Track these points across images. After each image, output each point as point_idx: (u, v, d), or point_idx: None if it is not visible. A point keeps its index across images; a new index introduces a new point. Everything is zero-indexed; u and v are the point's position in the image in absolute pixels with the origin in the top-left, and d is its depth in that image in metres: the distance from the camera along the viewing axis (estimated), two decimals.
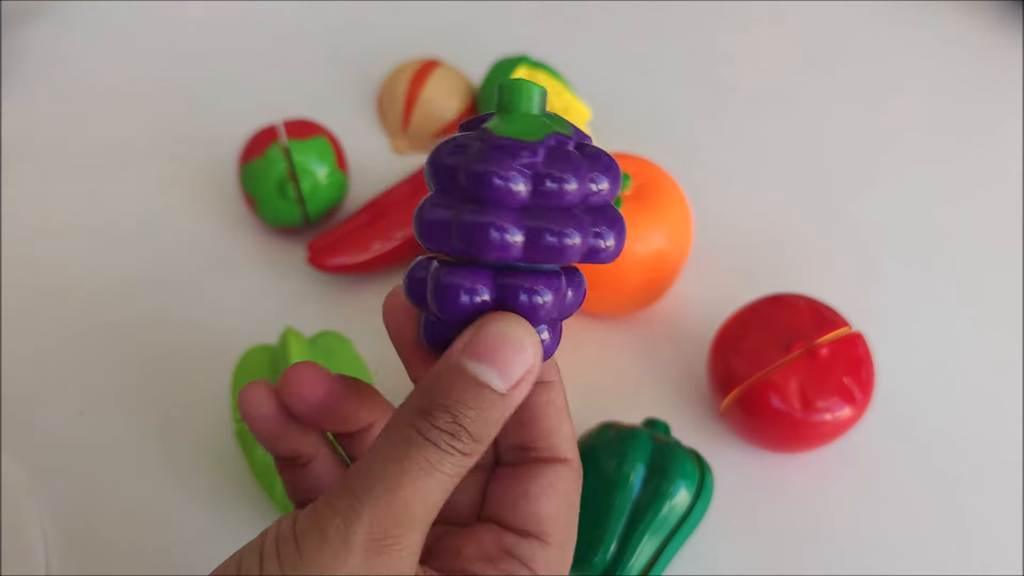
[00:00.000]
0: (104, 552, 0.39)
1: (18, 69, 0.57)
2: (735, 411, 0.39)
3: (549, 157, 0.21)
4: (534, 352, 0.21)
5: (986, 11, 0.62)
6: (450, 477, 0.21)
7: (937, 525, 0.40)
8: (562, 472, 0.24)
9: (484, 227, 0.21)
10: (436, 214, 0.22)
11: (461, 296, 0.21)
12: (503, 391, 0.21)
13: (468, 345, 0.21)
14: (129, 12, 0.61)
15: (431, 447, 0.20)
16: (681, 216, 0.43)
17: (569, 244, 0.21)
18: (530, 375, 0.21)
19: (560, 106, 0.50)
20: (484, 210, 0.21)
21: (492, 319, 0.21)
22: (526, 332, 0.21)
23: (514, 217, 0.21)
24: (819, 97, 0.57)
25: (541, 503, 0.24)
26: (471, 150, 0.21)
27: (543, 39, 0.58)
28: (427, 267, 0.22)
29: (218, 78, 0.57)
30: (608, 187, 0.22)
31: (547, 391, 0.25)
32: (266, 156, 0.45)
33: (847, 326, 0.39)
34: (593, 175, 0.22)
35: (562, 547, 0.24)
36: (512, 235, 0.21)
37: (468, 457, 0.21)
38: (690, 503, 0.36)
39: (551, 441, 0.24)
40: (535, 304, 0.22)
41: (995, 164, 0.54)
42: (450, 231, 0.21)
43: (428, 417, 0.21)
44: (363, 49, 0.58)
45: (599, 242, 0.22)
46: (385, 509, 0.20)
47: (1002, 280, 0.48)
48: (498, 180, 0.21)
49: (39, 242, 0.49)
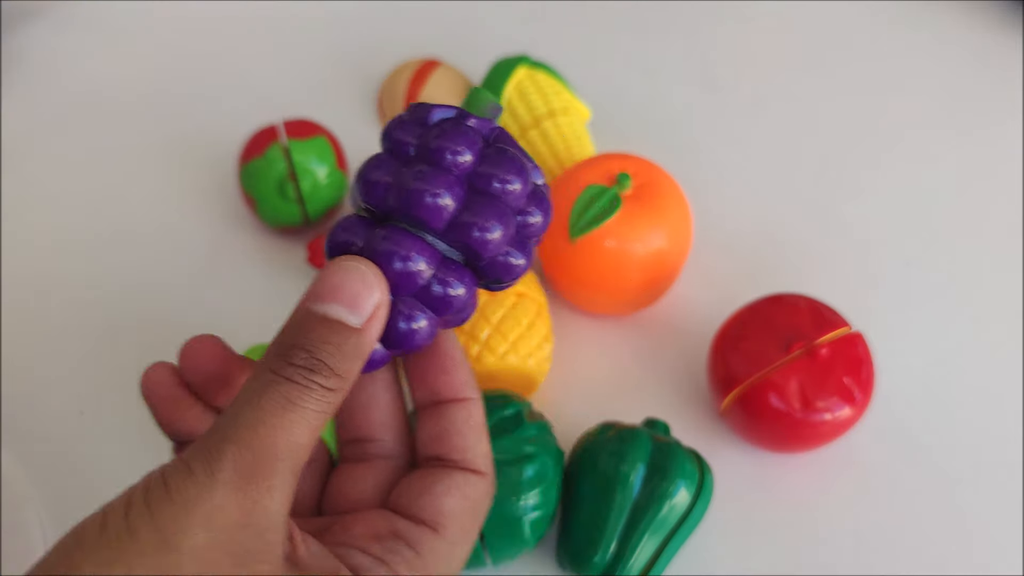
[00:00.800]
0: None
1: (17, 69, 0.57)
2: (735, 411, 0.39)
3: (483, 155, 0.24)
4: (381, 289, 0.22)
5: (986, 11, 0.62)
6: (315, 413, 0.21)
7: (936, 525, 0.40)
8: (473, 480, 0.24)
9: (421, 193, 0.23)
10: (379, 176, 0.24)
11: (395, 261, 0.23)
12: (357, 325, 0.22)
13: (312, 290, 0.22)
14: (129, 12, 0.61)
15: (289, 384, 0.21)
16: (681, 216, 0.43)
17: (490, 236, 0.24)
18: (381, 310, 0.22)
19: (560, 106, 0.50)
20: (427, 177, 0.23)
21: (334, 262, 0.22)
22: (368, 268, 0.22)
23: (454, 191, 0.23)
24: (819, 97, 0.57)
25: (444, 499, 0.24)
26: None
27: (543, 39, 0.58)
28: (355, 230, 0.24)
29: (218, 78, 0.57)
30: (520, 187, 0.24)
31: (465, 408, 0.25)
32: (266, 156, 0.45)
33: (847, 326, 0.39)
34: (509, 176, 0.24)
35: (455, 544, 0.24)
36: (444, 199, 0.23)
37: (332, 392, 0.21)
38: (690, 503, 0.36)
39: (466, 455, 0.25)
40: (409, 271, 0.23)
41: (995, 164, 0.54)
42: (391, 193, 0.24)
43: (284, 357, 0.21)
44: (363, 49, 0.58)
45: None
46: (247, 446, 0.20)
47: (1001, 280, 0.49)
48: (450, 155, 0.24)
49: (39, 242, 0.49)
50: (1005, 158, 0.54)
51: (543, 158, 0.49)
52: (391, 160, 0.24)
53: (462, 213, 0.24)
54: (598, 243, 0.41)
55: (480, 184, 0.24)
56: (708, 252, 0.48)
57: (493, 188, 0.24)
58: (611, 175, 0.42)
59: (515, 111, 0.50)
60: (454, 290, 0.24)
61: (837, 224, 0.51)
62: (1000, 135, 0.56)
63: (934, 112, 0.57)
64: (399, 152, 0.24)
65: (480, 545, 0.35)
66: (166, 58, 0.58)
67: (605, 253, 0.41)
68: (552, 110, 0.49)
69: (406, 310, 0.23)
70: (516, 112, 0.50)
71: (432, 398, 0.26)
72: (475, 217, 0.23)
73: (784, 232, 0.50)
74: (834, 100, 0.57)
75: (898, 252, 0.50)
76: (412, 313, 0.23)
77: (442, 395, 0.25)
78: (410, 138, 0.24)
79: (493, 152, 0.24)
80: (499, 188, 0.24)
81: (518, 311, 0.40)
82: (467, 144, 0.24)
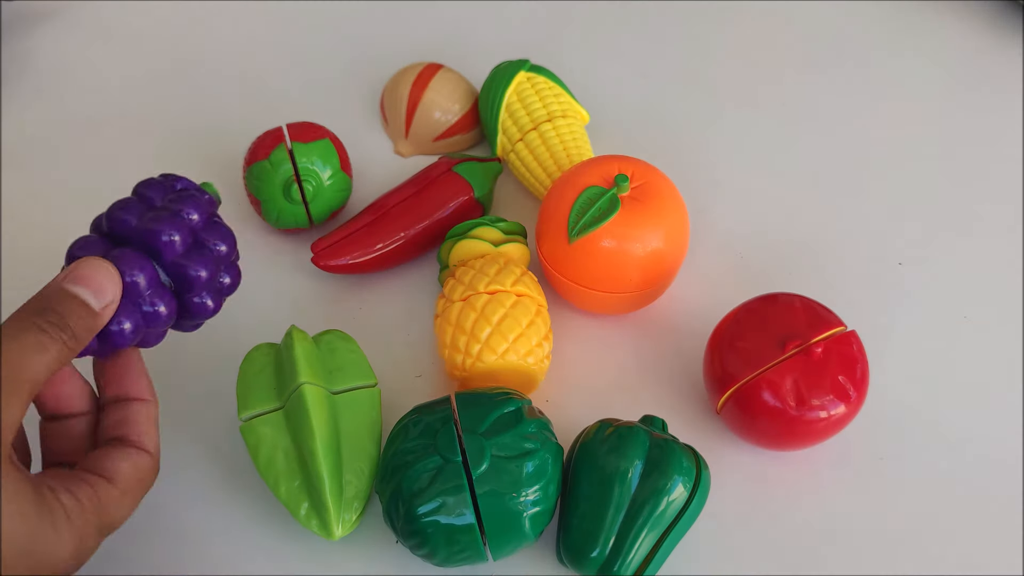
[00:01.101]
0: (107, 549, 0.39)
1: (20, 72, 0.58)
2: (731, 409, 0.40)
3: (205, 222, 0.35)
4: (114, 290, 0.31)
5: (986, 11, 0.63)
6: (54, 359, 0.29)
7: (931, 522, 0.41)
8: (144, 456, 0.33)
9: (160, 231, 0.33)
10: (126, 213, 0.33)
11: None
12: (97, 309, 0.30)
13: (70, 273, 0.30)
14: (132, 15, 0.61)
15: (44, 334, 0.29)
16: (678, 217, 0.43)
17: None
18: (113, 305, 0.31)
19: (559, 110, 0.50)
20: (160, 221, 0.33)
21: (91, 259, 0.31)
22: (114, 271, 0.31)
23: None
24: (816, 98, 0.57)
25: (120, 463, 0.32)
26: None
27: (544, 43, 0.59)
28: (93, 247, 0.33)
29: (222, 81, 0.57)
30: (226, 250, 0.35)
31: (146, 406, 0.34)
32: (271, 158, 0.46)
33: (841, 325, 0.39)
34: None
35: (125, 494, 0.32)
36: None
37: (71, 351, 0.30)
38: (687, 499, 0.36)
39: (142, 439, 0.34)
40: (135, 283, 0.32)
41: (993, 164, 0.54)
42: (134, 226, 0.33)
43: (44, 315, 0.29)
44: (366, 53, 0.59)
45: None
46: (2, 367, 0.27)
47: (996, 279, 0.49)
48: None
49: (41, 244, 0.49)
50: (1003, 158, 0.54)
51: (542, 161, 0.49)
52: (139, 204, 0.34)
53: (185, 254, 0.33)
54: (596, 244, 0.42)
55: (201, 238, 0.34)
56: (705, 252, 0.49)
57: (210, 244, 0.34)
58: (609, 177, 0.42)
59: (515, 115, 0.50)
60: (161, 308, 0.33)
61: (832, 224, 0.51)
62: (999, 135, 0.56)
63: (933, 112, 0.57)
64: (146, 201, 0.34)
65: (480, 540, 0.36)
66: (170, 61, 0.59)
67: (603, 253, 0.42)
68: (551, 113, 0.50)
69: (120, 316, 0.32)
70: (516, 115, 0.50)
71: (120, 396, 0.34)
72: (191, 260, 0.33)
73: (779, 232, 0.50)
74: (832, 101, 0.57)
75: (892, 252, 0.50)
76: (122, 319, 0.32)
77: (130, 394, 0.34)
78: (158, 194, 0.34)
79: (214, 221, 0.35)
80: (213, 246, 0.34)
81: (518, 311, 0.41)
82: (198, 209, 0.34)
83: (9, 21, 0.60)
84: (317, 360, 0.40)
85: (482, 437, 0.36)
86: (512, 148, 0.51)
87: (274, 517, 0.40)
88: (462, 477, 0.35)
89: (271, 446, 0.38)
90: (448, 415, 0.37)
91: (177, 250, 0.33)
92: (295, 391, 0.38)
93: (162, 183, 0.35)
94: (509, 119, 0.51)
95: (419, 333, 0.46)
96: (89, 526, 0.30)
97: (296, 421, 0.38)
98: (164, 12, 0.61)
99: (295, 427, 0.38)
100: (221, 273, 0.35)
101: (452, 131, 0.52)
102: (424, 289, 0.48)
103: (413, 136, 0.53)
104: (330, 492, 0.37)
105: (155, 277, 0.33)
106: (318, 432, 0.37)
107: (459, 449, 0.36)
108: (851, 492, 0.41)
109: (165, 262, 0.33)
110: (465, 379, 0.41)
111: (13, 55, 0.58)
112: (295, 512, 0.38)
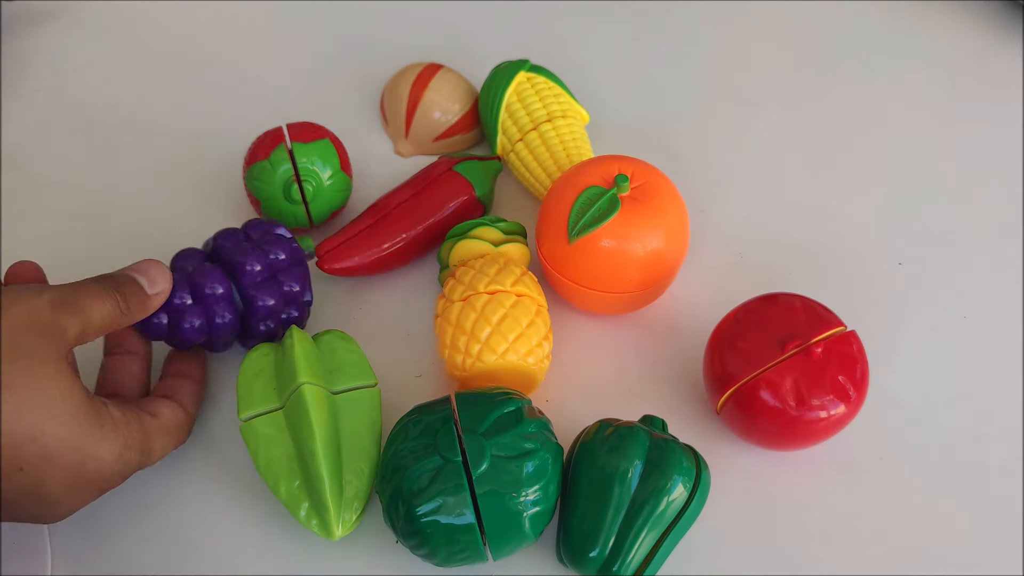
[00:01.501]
0: (108, 550, 0.39)
1: (21, 72, 0.58)
2: (731, 409, 0.40)
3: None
4: (164, 284, 0.38)
5: (986, 11, 0.63)
6: (108, 312, 0.35)
7: (930, 522, 0.41)
8: (183, 411, 0.40)
9: (245, 261, 0.41)
10: (225, 240, 0.42)
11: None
12: (149, 293, 0.37)
13: (134, 264, 0.38)
14: (133, 15, 0.61)
15: (103, 290, 0.35)
16: (678, 217, 0.43)
17: None
18: (163, 294, 0.38)
19: (559, 110, 0.50)
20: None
21: (149, 259, 0.38)
22: (167, 271, 0.38)
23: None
24: (816, 98, 0.57)
25: (162, 407, 0.39)
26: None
27: (544, 43, 0.59)
28: (192, 259, 0.42)
29: (222, 81, 0.57)
30: (299, 289, 0.43)
31: (194, 385, 0.42)
32: (271, 158, 0.46)
33: (841, 325, 0.39)
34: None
35: (163, 431, 0.38)
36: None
37: (122, 313, 0.36)
38: (686, 499, 0.37)
39: (184, 401, 0.40)
40: (214, 293, 0.40)
41: (992, 164, 0.54)
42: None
43: (106, 282, 0.36)
44: (366, 52, 0.59)
45: None
46: (70, 292, 0.34)
47: (995, 279, 0.49)
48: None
49: (42, 243, 0.49)
50: (1003, 158, 0.54)
51: (542, 161, 0.49)
52: (238, 234, 0.42)
53: (258, 284, 0.41)
54: (596, 244, 0.42)
55: (279, 277, 0.41)
56: (705, 252, 0.49)
57: (284, 282, 0.41)
58: (609, 177, 0.42)
59: (515, 114, 0.50)
60: (226, 320, 0.40)
61: (832, 224, 0.51)
62: (999, 135, 0.56)
63: (933, 112, 0.57)
64: (246, 234, 0.42)
65: (480, 540, 0.36)
66: (171, 62, 0.59)
67: (603, 253, 0.42)
68: (551, 114, 0.50)
69: (192, 316, 0.39)
70: (516, 115, 0.50)
71: (176, 372, 0.42)
72: (261, 290, 0.41)
73: (779, 232, 0.50)
74: (831, 101, 0.57)
75: (892, 252, 0.50)
76: (193, 319, 0.39)
77: (185, 372, 0.42)
78: (257, 232, 0.42)
79: (296, 266, 0.42)
80: (287, 285, 0.41)
81: (518, 311, 0.41)
82: (285, 252, 0.42)
83: (9, 21, 0.60)
84: (317, 360, 0.40)
85: (482, 437, 0.36)
86: (512, 148, 0.51)
87: (274, 517, 0.40)
88: (462, 477, 0.35)
89: (271, 446, 0.38)
90: (448, 415, 0.37)
91: (255, 279, 0.40)
92: (295, 391, 0.38)
93: (264, 225, 0.43)
94: (509, 119, 0.51)
95: (419, 333, 0.46)
96: (133, 439, 0.36)
97: (296, 421, 0.38)
98: (164, 12, 0.61)
99: (295, 427, 0.38)
100: (289, 308, 0.42)
101: (452, 131, 0.52)
102: (424, 289, 0.48)
103: (413, 136, 0.53)
104: (330, 492, 0.37)
105: (229, 295, 0.40)
106: (318, 432, 0.37)
107: (459, 449, 0.36)
108: (851, 492, 0.41)
109: (241, 285, 0.40)
110: (465, 379, 0.41)
111: (13, 55, 0.58)
112: (295, 512, 0.38)
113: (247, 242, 0.41)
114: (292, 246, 0.42)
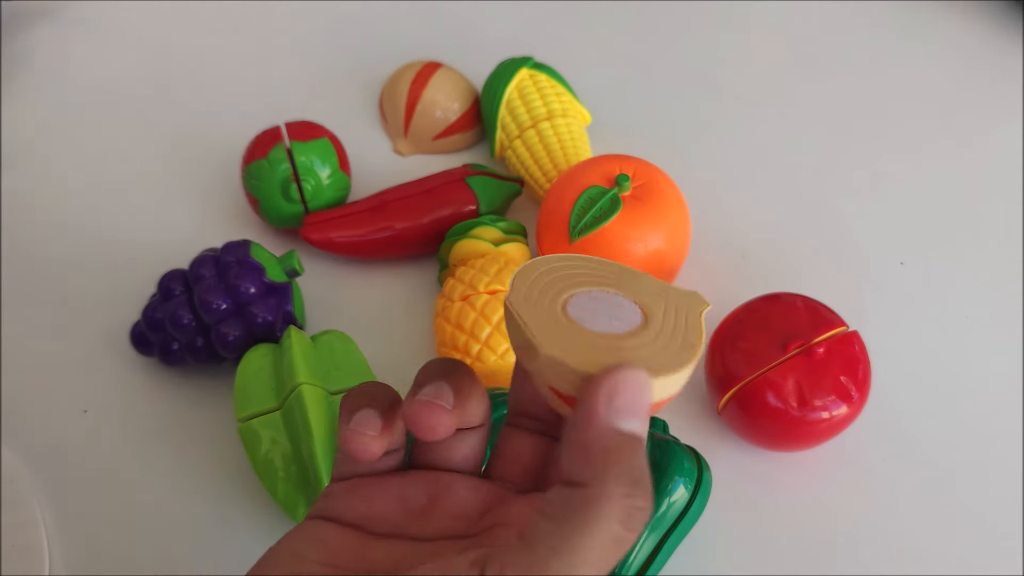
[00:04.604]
0: (107, 550, 0.39)
1: (20, 71, 0.58)
2: (733, 409, 0.40)
3: None
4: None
5: (986, 11, 0.63)
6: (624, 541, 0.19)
7: (932, 522, 0.40)
8: None
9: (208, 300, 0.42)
10: (203, 268, 0.43)
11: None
12: (643, 435, 0.20)
13: (613, 403, 0.19)
14: (132, 15, 0.61)
15: (623, 529, 0.19)
16: (679, 217, 0.43)
17: None
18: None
19: (560, 108, 0.50)
20: None
21: (617, 368, 0.20)
22: (645, 375, 0.20)
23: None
24: (817, 98, 0.57)
25: None
26: None
27: (545, 42, 0.59)
28: (177, 280, 0.43)
29: (221, 80, 0.57)
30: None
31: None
32: (269, 157, 0.46)
33: (843, 325, 0.39)
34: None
35: None
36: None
37: (645, 512, 0.19)
38: (688, 500, 0.36)
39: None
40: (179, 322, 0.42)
41: (993, 164, 0.54)
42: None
43: (630, 495, 0.19)
44: (365, 51, 0.59)
45: None
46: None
47: (997, 280, 0.49)
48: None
49: (41, 241, 0.49)
50: (1003, 158, 0.54)
51: (539, 160, 0.49)
52: (211, 261, 0.42)
53: (224, 320, 0.41)
54: (597, 243, 0.41)
55: (248, 310, 0.41)
56: (706, 252, 0.49)
57: (255, 313, 0.41)
58: (610, 176, 0.42)
59: (515, 111, 0.50)
60: (199, 343, 0.42)
61: (834, 224, 0.51)
62: (999, 135, 0.56)
63: (933, 112, 0.57)
64: (220, 263, 0.42)
65: None
66: (169, 60, 0.59)
67: (604, 253, 0.42)
68: (552, 112, 0.50)
69: (176, 341, 0.42)
70: (516, 112, 0.50)
71: None
72: (226, 325, 0.41)
73: (781, 232, 0.50)
74: (832, 101, 0.57)
75: (894, 252, 0.50)
76: (173, 344, 0.43)
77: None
78: (232, 256, 0.42)
79: (270, 296, 0.42)
80: (259, 317, 0.41)
81: None
82: (251, 281, 0.41)
83: (9, 20, 0.60)
84: (315, 360, 0.40)
85: None
86: (509, 145, 0.50)
87: (272, 518, 0.40)
88: None
89: (269, 447, 0.38)
90: None
91: (221, 316, 0.41)
92: (293, 392, 0.38)
93: (237, 246, 0.43)
94: (508, 115, 0.50)
95: (419, 333, 0.46)
96: None
97: (294, 422, 0.38)
98: (164, 12, 0.61)
99: (293, 428, 0.38)
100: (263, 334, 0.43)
101: (451, 130, 0.52)
102: (424, 289, 0.48)
103: (412, 135, 0.53)
104: None
105: (195, 326, 0.42)
106: (316, 433, 0.37)
107: None
108: (853, 493, 0.41)
109: (207, 320, 0.42)
110: None
111: (13, 55, 0.58)
112: (292, 513, 0.37)
113: (216, 272, 0.42)
114: (263, 279, 0.42)
